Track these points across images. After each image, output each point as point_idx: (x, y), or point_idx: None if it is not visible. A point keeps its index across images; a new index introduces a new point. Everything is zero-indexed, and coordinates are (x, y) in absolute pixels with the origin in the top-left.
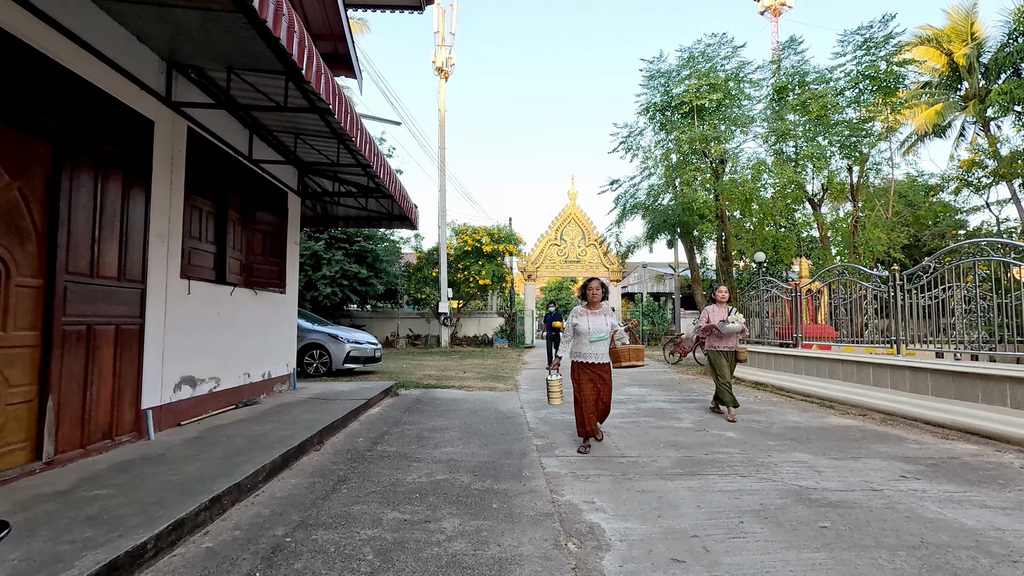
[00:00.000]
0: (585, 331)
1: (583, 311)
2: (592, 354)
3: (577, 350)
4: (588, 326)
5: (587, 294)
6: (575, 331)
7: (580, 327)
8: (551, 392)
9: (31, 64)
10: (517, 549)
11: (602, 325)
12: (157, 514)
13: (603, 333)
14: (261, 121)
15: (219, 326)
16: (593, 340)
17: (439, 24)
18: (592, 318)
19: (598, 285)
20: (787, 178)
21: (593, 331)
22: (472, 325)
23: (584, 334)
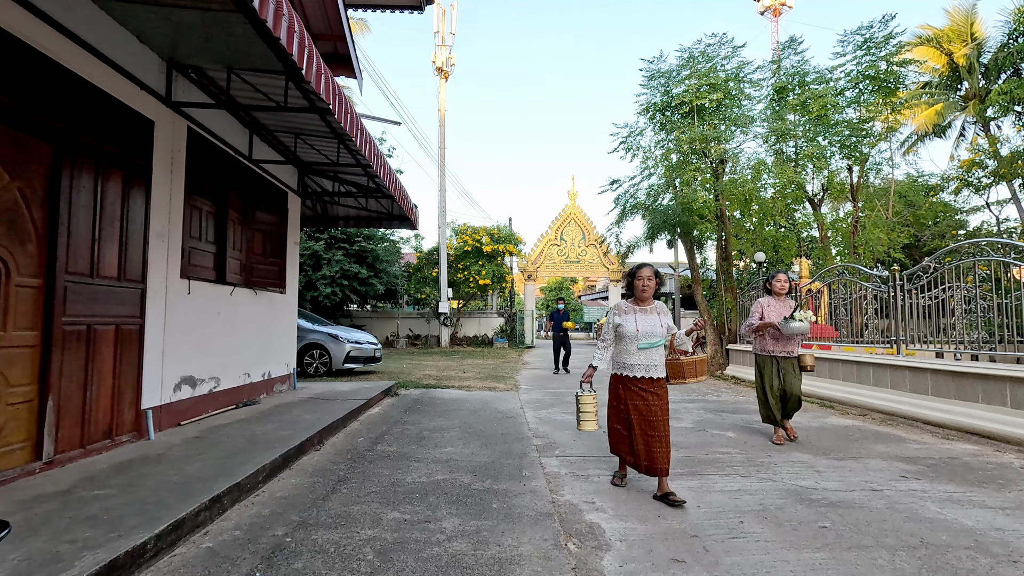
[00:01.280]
0: (631, 334)
1: (629, 307)
2: (641, 365)
3: (620, 359)
4: (636, 328)
5: (635, 285)
6: (617, 334)
7: (625, 329)
8: (583, 413)
9: (31, 64)
10: (517, 549)
11: (655, 327)
12: (157, 514)
13: (657, 338)
14: (261, 121)
15: (219, 326)
16: (643, 347)
17: (439, 24)
18: (642, 317)
19: (651, 273)
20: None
21: (643, 335)
22: (472, 325)
23: (630, 338)
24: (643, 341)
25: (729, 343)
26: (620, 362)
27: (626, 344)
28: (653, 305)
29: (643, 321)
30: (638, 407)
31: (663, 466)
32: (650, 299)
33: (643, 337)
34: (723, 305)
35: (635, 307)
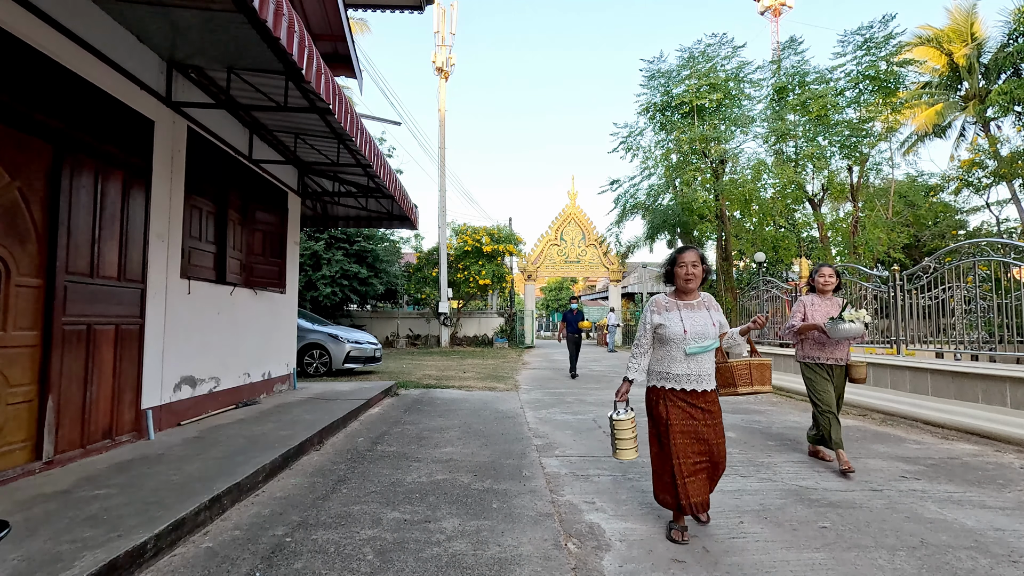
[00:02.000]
0: (677, 337)
1: (671, 303)
2: (689, 375)
3: (662, 368)
4: (683, 327)
5: (677, 273)
6: (657, 336)
7: (669, 330)
8: (619, 439)
9: (31, 64)
10: (517, 549)
11: (706, 326)
12: (157, 514)
13: (709, 340)
14: (261, 121)
15: (219, 326)
16: (692, 351)
17: (439, 24)
18: (689, 315)
19: (695, 258)
20: (787, 178)
21: (692, 336)
22: (472, 325)
23: (675, 342)
24: (693, 345)
25: None
26: (661, 371)
27: (669, 349)
28: (700, 298)
29: (691, 319)
30: (683, 428)
31: (704, 498)
32: (696, 291)
33: (693, 340)
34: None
35: (678, 301)
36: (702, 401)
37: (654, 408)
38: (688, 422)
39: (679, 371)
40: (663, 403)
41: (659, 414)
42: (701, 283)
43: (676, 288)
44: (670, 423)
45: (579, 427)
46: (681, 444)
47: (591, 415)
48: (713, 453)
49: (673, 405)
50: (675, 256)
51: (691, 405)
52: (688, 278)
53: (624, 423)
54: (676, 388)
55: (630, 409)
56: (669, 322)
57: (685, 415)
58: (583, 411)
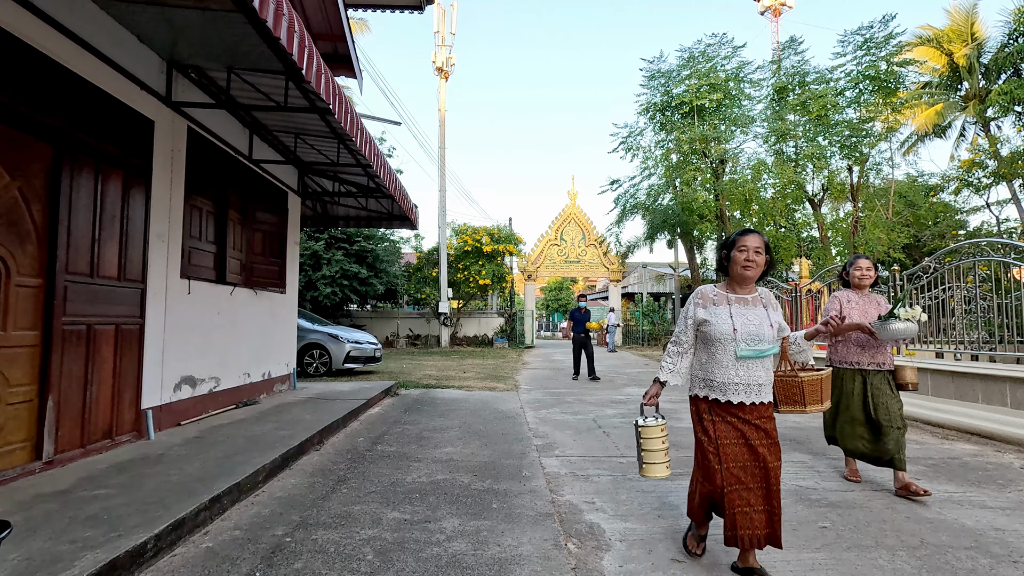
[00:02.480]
0: (725, 336)
1: (720, 295)
2: (739, 385)
3: (706, 374)
4: (734, 326)
5: (734, 259)
6: (701, 334)
7: (715, 328)
8: (647, 452)
9: (31, 64)
10: (517, 549)
11: (762, 326)
12: (157, 514)
13: (765, 343)
14: (261, 121)
15: (219, 326)
16: (744, 355)
17: (439, 24)
18: (741, 311)
19: (759, 244)
20: (787, 178)
21: (744, 336)
22: (472, 325)
23: (722, 342)
24: (745, 348)
25: None
26: (703, 378)
27: (715, 351)
28: (757, 293)
29: (743, 316)
30: (733, 449)
31: (761, 532)
32: (753, 284)
33: (745, 341)
34: None
35: (729, 294)
36: (754, 416)
37: (700, 422)
38: (737, 441)
39: (724, 378)
40: (709, 417)
41: (706, 429)
42: (761, 276)
43: (730, 278)
44: (720, 442)
45: (579, 427)
46: (732, 466)
47: (591, 415)
48: (770, 478)
49: (722, 420)
50: (735, 238)
51: (742, 421)
52: (748, 265)
53: (652, 431)
54: (720, 399)
55: (660, 416)
56: (715, 318)
57: (736, 432)
58: (583, 411)
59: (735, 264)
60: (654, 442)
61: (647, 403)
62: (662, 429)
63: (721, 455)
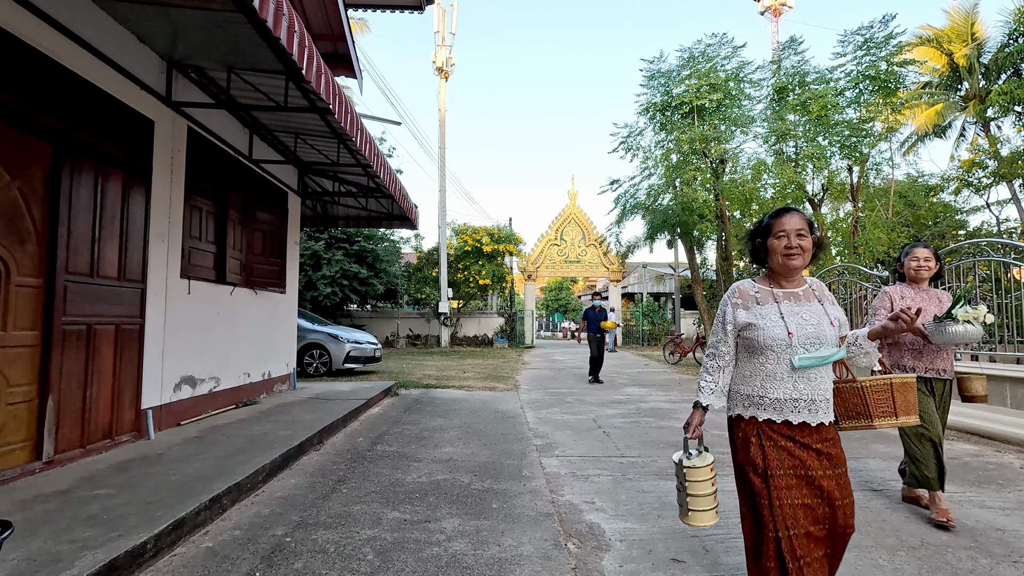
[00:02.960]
0: (776, 341)
1: (764, 291)
2: (798, 400)
3: (754, 389)
4: (788, 328)
5: (774, 247)
6: (744, 341)
7: (763, 332)
8: (693, 496)
9: (31, 64)
10: (517, 549)
11: (820, 324)
12: (157, 514)
13: (826, 346)
14: (261, 121)
15: (219, 326)
16: (803, 363)
17: (439, 24)
18: (793, 309)
19: (802, 224)
20: (787, 178)
21: (801, 340)
22: (472, 325)
23: (773, 349)
24: (803, 354)
25: None
26: (752, 395)
27: (765, 361)
28: (807, 285)
29: (797, 315)
30: (792, 482)
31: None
32: (801, 275)
33: (803, 347)
34: None
35: (774, 289)
36: (817, 439)
37: (744, 450)
38: (798, 472)
39: (780, 393)
40: (757, 443)
41: (752, 459)
42: (809, 262)
43: (771, 269)
44: (771, 473)
45: (579, 427)
46: (789, 505)
47: (591, 415)
48: (837, 519)
49: (774, 446)
50: (769, 222)
51: (802, 446)
52: (791, 252)
53: (699, 471)
54: (775, 420)
55: (704, 449)
56: (763, 320)
57: (793, 461)
58: (583, 411)
59: (775, 254)
60: (702, 485)
61: (691, 436)
62: (711, 469)
63: (777, 490)
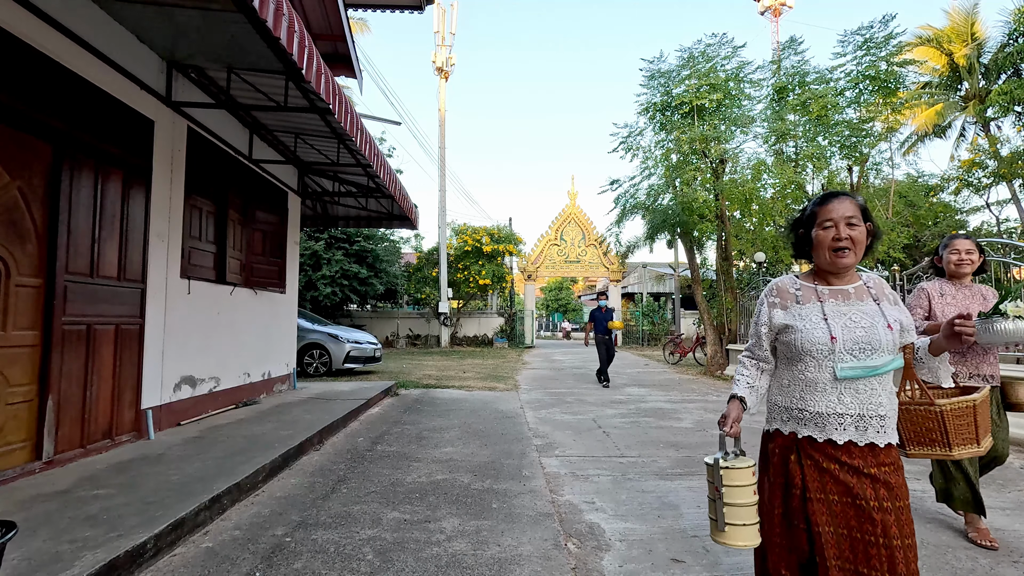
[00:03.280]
0: (817, 346)
1: (806, 287)
2: (849, 416)
3: (792, 400)
4: (831, 332)
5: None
6: (782, 345)
7: (801, 335)
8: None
9: (31, 64)
10: (517, 549)
11: (873, 327)
12: (157, 514)
13: (879, 354)
14: (261, 121)
15: (219, 326)
16: (848, 374)
17: (439, 24)
18: (840, 308)
19: (854, 210)
20: (787, 178)
21: (848, 346)
22: (472, 325)
23: (813, 356)
24: (851, 363)
25: (729, 343)
26: (789, 406)
27: (804, 369)
28: (861, 281)
29: (844, 318)
30: (837, 510)
31: None
32: (854, 269)
33: (850, 353)
34: (723, 305)
35: (818, 286)
36: (871, 463)
37: (780, 466)
38: (844, 498)
39: (823, 407)
40: (797, 460)
41: (791, 477)
42: (865, 254)
43: (816, 265)
44: (809, 497)
45: (579, 427)
46: (832, 533)
47: (591, 415)
48: (896, 564)
49: (814, 467)
50: (814, 210)
51: (851, 470)
52: (840, 247)
53: (739, 473)
54: (817, 438)
55: (741, 452)
56: (802, 322)
57: (839, 487)
58: (583, 411)
59: (820, 248)
60: (742, 491)
61: (730, 431)
62: (752, 471)
63: (815, 520)
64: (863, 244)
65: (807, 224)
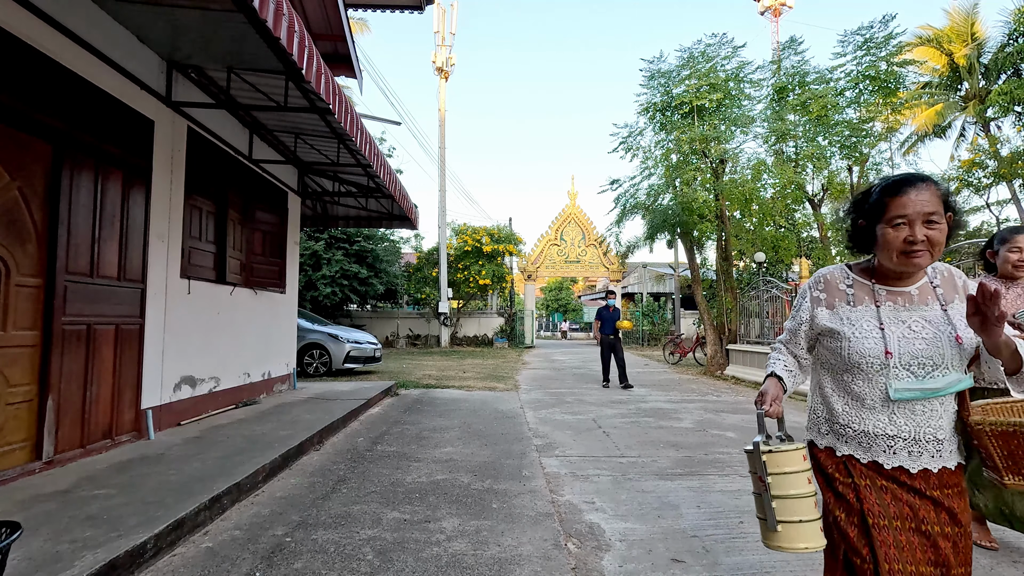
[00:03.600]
0: (865, 358)
1: (860, 284)
2: (901, 439)
3: (835, 414)
4: (886, 344)
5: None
6: (826, 351)
7: (848, 344)
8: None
9: (31, 64)
10: (517, 549)
11: (938, 339)
12: (157, 514)
13: (946, 371)
14: (261, 121)
15: (219, 326)
16: (903, 396)
17: (439, 24)
18: (898, 314)
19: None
20: (787, 178)
21: (907, 360)
22: (472, 325)
23: (861, 369)
24: (908, 382)
25: (729, 343)
26: (833, 420)
27: (851, 381)
28: (927, 278)
29: (903, 327)
30: (902, 536)
31: None
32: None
33: (907, 369)
34: (723, 305)
35: (875, 285)
36: (934, 483)
37: (828, 485)
38: (908, 524)
39: (870, 426)
40: (847, 477)
41: (843, 498)
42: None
43: (878, 261)
44: (872, 523)
45: (579, 427)
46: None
47: (591, 415)
48: None
49: (872, 486)
50: (884, 200)
51: (911, 491)
52: (914, 251)
53: (789, 458)
54: (860, 459)
55: (787, 437)
56: (852, 328)
57: (902, 508)
58: (583, 411)
59: (888, 249)
60: (794, 479)
61: (770, 410)
62: (804, 457)
63: (876, 547)
64: (942, 245)
65: (871, 216)
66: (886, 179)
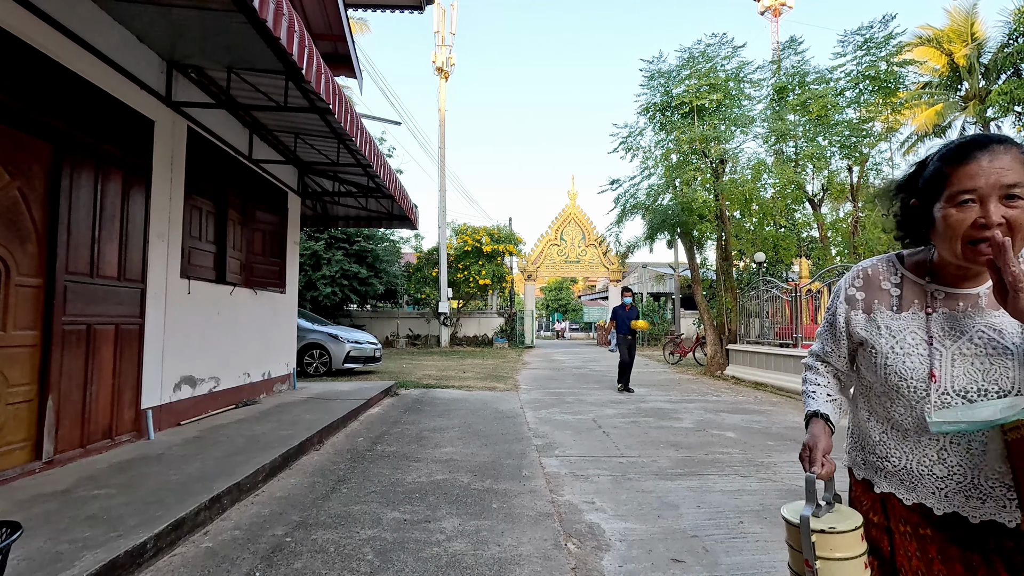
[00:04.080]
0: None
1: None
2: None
3: (869, 443)
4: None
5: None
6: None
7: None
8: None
9: (31, 64)
10: (517, 549)
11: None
12: (157, 514)
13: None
14: (261, 121)
15: (219, 326)
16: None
17: (439, 24)
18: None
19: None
20: (787, 178)
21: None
22: (472, 325)
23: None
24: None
25: (729, 343)
26: (866, 448)
27: (888, 405)
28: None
29: (956, 345)
30: None
31: None
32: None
33: (955, 396)
34: (723, 305)
35: (927, 285)
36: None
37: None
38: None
39: (911, 461)
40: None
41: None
42: None
43: (936, 253)
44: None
45: (579, 427)
46: None
47: (591, 415)
48: None
49: (911, 533)
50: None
51: (967, 545)
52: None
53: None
54: (904, 500)
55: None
56: (891, 340)
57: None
58: (583, 411)
59: (949, 237)
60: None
61: (822, 472)
62: (862, 537)
63: None
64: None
65: (927, 193)
66: (948, 144)
